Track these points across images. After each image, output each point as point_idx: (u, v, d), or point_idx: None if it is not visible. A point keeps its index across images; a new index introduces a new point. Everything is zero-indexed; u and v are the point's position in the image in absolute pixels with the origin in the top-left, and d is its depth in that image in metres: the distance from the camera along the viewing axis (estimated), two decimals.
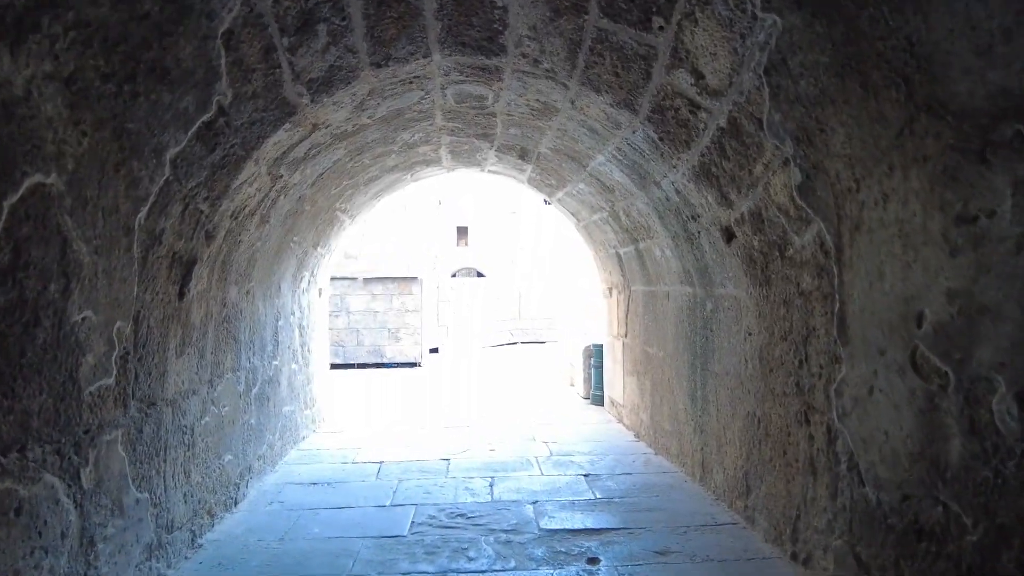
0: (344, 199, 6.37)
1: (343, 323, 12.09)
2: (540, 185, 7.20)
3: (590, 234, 7.49)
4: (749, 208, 3.76)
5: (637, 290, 6.53)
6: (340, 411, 8.15)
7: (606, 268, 7.59)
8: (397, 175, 6.82)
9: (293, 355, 6.25)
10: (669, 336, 5.58)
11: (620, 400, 7.25)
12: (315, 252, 6.60)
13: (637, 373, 6.58)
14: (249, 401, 4.96)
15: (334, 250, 7.61)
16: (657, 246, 5.47)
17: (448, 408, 8.28)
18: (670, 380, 5.58)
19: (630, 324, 6.80)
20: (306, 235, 5.95)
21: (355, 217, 7.50)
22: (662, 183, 4.59)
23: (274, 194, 4.59)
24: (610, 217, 6.28)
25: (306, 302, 6.73)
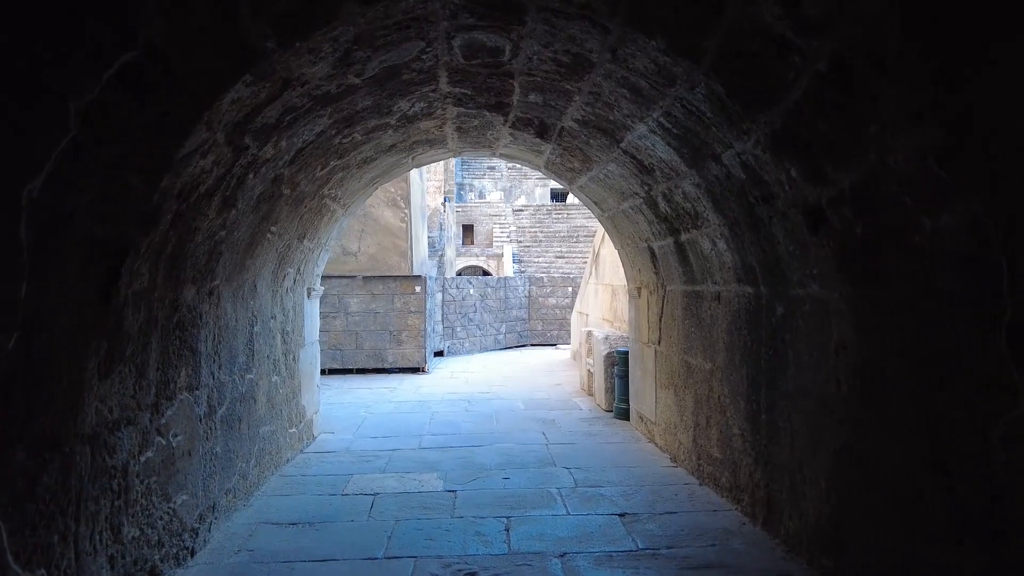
0: (334, 184, 5.48)
1: (341, 325, 11.23)
2: (560, 170, 6.29)
3: (616, 226, 6.58)
4: (853, 183, 2.84)
5: (675, 290, 5.61)
6: (334, 425, 7.26)
7: (634, 265, 6.67)
8: (396, 157, 5.92)
9: (274, 366, 5.36)
10: (720, 345, 4.66)
11: (651, 416, 6.34)
12: (300, 246, 5.71)
13: (674, 387, 5.66)
14: (213, 425, 4.06)
15: (326, 245, 6.72)
16: (707, 237, 4.55)
17: (454, 422, 7.38)
18: (721, 398, 4.67)
19: (665, 329, 5.89)
20: (287, 225, 5.06)
21: (349, 207, 6.60)
22: (723, 156, 3.67)
23: (239, 171, 3.70)
24: (644, 204, 5.37)
25: (291, 304, 5.84)
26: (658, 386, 6.12)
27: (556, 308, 16.56)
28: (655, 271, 6.03)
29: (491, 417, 7.57)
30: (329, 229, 6.41)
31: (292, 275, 5.79)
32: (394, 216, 11.45)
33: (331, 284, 11.20)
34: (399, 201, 11.46)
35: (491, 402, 8.53)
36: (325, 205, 5.73)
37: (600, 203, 6.47)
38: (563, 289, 16.63)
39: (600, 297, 10.41)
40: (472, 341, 14.74)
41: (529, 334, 16.46)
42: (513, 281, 16.29)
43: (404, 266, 11.44)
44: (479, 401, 8.62)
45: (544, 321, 16.53)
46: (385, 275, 11.35)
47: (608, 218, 6.66)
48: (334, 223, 6.45)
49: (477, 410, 8.02)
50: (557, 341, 16.34)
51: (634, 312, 6.93)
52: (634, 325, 6.94)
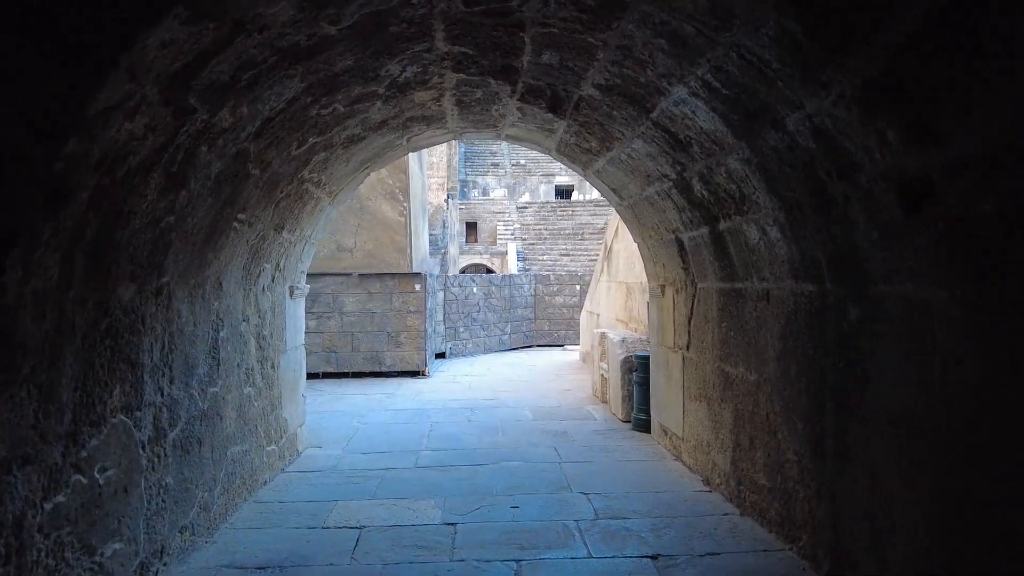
0: (315, 167, 4.76)
1: (336, 326, 10.53)
2: (574, 152, 5.56)
3: (637, 216, 5.85)
4: (978, 145, 2.11)
5: (709, 288, 4.88)
6: (323, 438, 6.56)
7: (657, 260, 5.94)
8: (388, 137, 5.21)
9: (247, 376, 4.66)
10: (769, 353, 3.93)
11: (677, 430, 5.61)
12: (278, 238, 5.00)
13: (707, 399, 4.94)
14: (162, 452, 3.36)
15: (311, 238, 6.01)
16: (754, 225, 3.82)
17: (455, 434, 6.67)
18: (770, 416, 3.94)
19: (695, 333, 5.16)
20: (259, 213, 4.35)
21: (336, 196, 5.89)
22: (788, 120, 2.94)
23: (187, 141, 2.99)
24: (674, 188, 4.64)
25: (268, 304, 5.13)
26: (686, 397, 5.40)
27: (563, 307, 15.83)
28: (683, 266, 5.30)
29: (496, 429, 6.85)
30: (314, 220, 5.70)
31: (269, 271, 5.08)
32: (392, 210, 10.74)
33: (325, 282, 10.51)
34: (397, 194, 10.74)
35: (496, 411, 7.81)
36: (307, 191, 5.02)
37: (619, 190, 5.74)
38: (571, 287, 15.90)
39: (613, 296, 9.68)
40: (476, 342, 14.03)
41: (535, 334, 15.73)
42: (518, 279, 15.57)
43: (403, 263, 10.73)
44: (483, 409, 7.90)
45: (551, 321, 15.81)
46: (383, 273, 10.64)
47: (628, 207, 5.93)
48: (319, 213, 5.74)
49: (481, 420, 7.30)
50: (564, 342, 15.61)
51: (656, 313, 6.20)
52: (656, 327, 6.21)
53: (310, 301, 10.40)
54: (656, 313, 6.20)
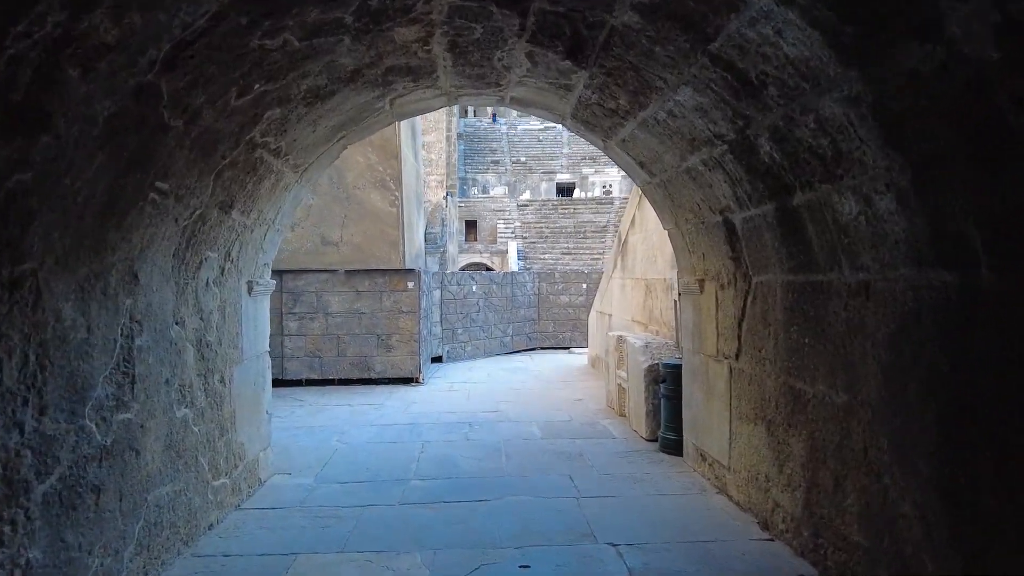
0: (270, 128, 3.74)
1: (320, 328, 9.51)
2: (595, 115, 4.54)
3: (671, 195, 4.82)
4: None
5: (771, 282, 3.86)
6: (295, 461, 5.54)
7: (695, 248, 4.92)
8: (364, 95, 4.19)
9: (182, 394, 3.63)
10: (869, 368, 2.91)
11: (721, 457, 4.60)
12: (226, 220, 3.98)
13: (766, 422, 3.92)
14: (20, 516, 2.34)
15: (277, 223, 4.99)
16: (851, 193, 2.80)
17: (451, 456, 5.65)
18: (869, 451, 2.92)
19: (750, 339, 4.14)
20: (192, 182, 3.33)
21: (305, 171, 4.87)
22: (949, 20, 1.92)
23: (35, 52, 1.97)
24: (730, 153, 3.62)
25: (214, 303, 4.10)
26: (735, 417, 4.38)
27: (569, 307, 14.81)
28: (732, 256, 4.28)
29: (499, 450, 5.83)
30: (276, 200, 4.68)
31: (215, 262, 4.06)
32: (382, 200, 9.72)
33: (307, 280, 9.49)
34: (388, 182, 9.72)
35: (498, 426, 6.79)
36: (262, 161, 4.00)
37: (650, 163, 4.72)
38: (576, 286, 14.88)
39: (629, 294, 8.66)
40: (475, 345, 13.01)
41: (539, 336, 14.71)
42: (521, 277, 14.55)
43: (395, 258, 9.71)
44: (483, 424, 6.88)
45: (555, 322, 14.79)
46: (372, 269, 9.62)
47: (659, 185, 4.91)
48: (284, 192, 4.71)
49: (481, 438, 6.27)
50: (570, 344, 14.59)
51: (691, 314, 5.17)
52: (691, 331, 5.18)
53: (291, 301, 9.39)
54: (691, 314, 5.18)
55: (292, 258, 9.53)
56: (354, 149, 9.68)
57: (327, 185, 9.61)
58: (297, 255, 9.54)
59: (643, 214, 7.98)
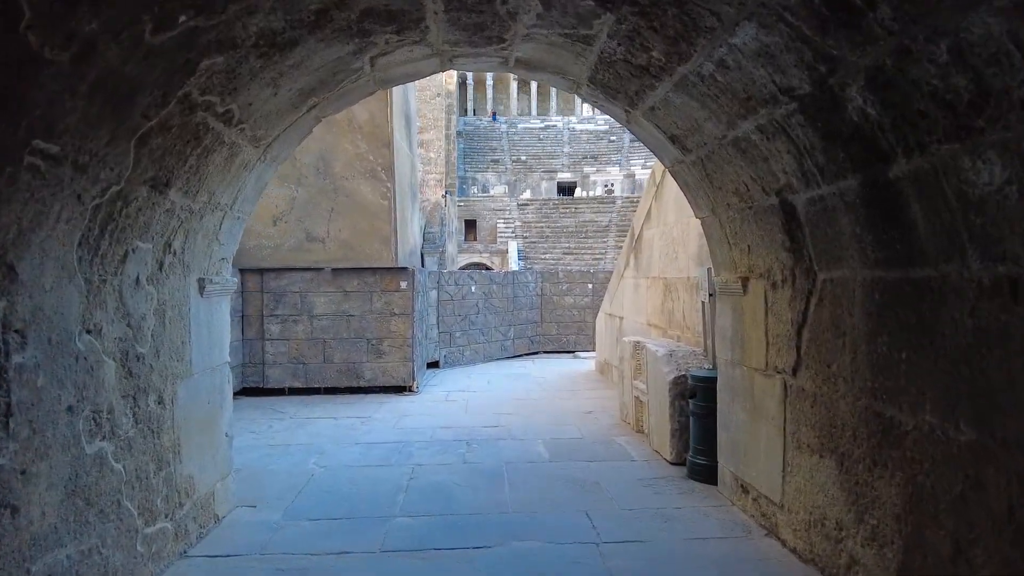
0: (213, 82, 2.94)
1: (304, 332, 8.70)
2: (618, 77, 3.73)
3: (710, 174, 4.02)
4: None
5: (847, 279, 3.05)
6: (264, 489, 4.74)
7: (738, 239, 4.11)
8: (335, 48, 3.38)
9: (94, 423, 2.83)
10: (1018, 397, 2.11)
11: (771, 492, 3.79)
12: (162, 202, 3.17)
13: (838, 454, 3.11)
14: None
15: (235, 210, 4.18)
16: (995, 155, 2.00)
17: (444, 485, 4.84)
18: (1016, 511, 2.11)
19: (814, 349, 3.33)
20: (94, 145, 2.51)
21: (269, 146, 4.06)
22: None
23: None
24: (800, 112, 2.82)
25: (149, 305, 3.29)
26: (791, 445, 3.57)
27: (573, 308, 14.00)
28: (791, 247, 3.47)
29: (501, 476, 5.02)
30: (233, 180, 3.87)
31: (149, 254, 3.25)
32: (373, 191, 8.91)
33: (290, 279, 8.69)
34: (379, 172, 8.92)
35: (500, 445, 5.98)
36: (207, 128, 3.20)
37: (684, 136, 3.91)
38: (582, 286, 14.07)
39: (644, 295, 7.86)
40: (474, 349, 12.20)
41: (542, 339, 13.90)
42: (523, 276, 13.73)
43: (386, 255, 8.90)
44: (482, 443, 6.07)
45: (559, 324, 13.98)
46: (362, 267, 8.81)
47: (694, 164, 4.11)
48: (242, 171, 3.91)
49: (480, 461, 5.47)
50: (575, 347, 13.79)
51: (731, 317, 4.37)
52: (730, 338, 4.38)
53: (273, 302, 8.59)
54: (730, 319, 4.37)
55: (274, 255, 8.73)
56: (342, 135, 8.90)
57: (312, 175, 8.81)
58: (279, 252, 8.74)
59: (661, 206, 7.18)
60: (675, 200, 6.65)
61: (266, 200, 8.74)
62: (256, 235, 8.73)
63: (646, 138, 4.44)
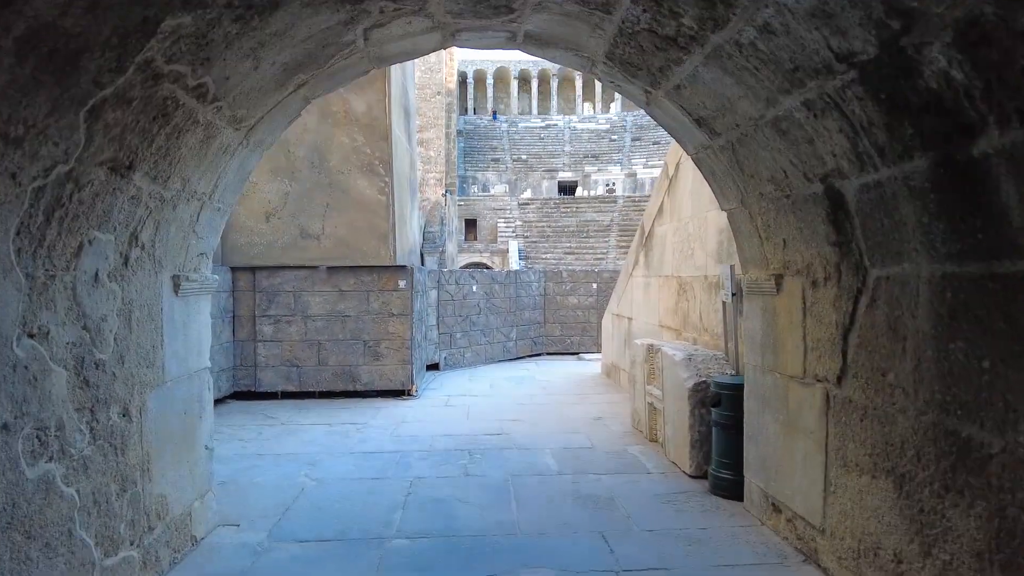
0: (180, 47, 2.54)
1: (298, 333, 8.31)
2: (641, 52, 3.34)
3: (741, 160, 3.62)
4: None
5: (906, 275, 2.66)
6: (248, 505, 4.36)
7: (772, 233, 3.72)
8: (324, 15, 3.00)
9: (38, 442, 2.44)
10: None
11: (811, 515, 3.40)
12: (125, 187, 2.77)
13: (897, 476, 2.72)
14: None
15: (214, 200, 3.79)
16: None
17: (446, 501, 4.45)
18: None
19: (864, 356, 2.94)
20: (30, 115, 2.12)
21: (251, 129, 3.67)
22: None
23: None
24: (859, 83, 2.43)
25: (111, 306, 2.91)
26: (836, 463, 3.18)
27: (578, 309, 13.61)
28: (837, 239, 3.08)
29: (506, 491, 4.63)
30: (212, 166, 3.48)
31: (111, 247, 2.86)
32: (370, 187, 8.52)
33: (284, 277, 8.30)
34: (377, 166, 8.53)
35: (505, 455, 5.59)
36: (176, 104, 2.81)
37: (713, 117, 3.52)
38: (586, 286, 13.68)
39: (655, 295, 7.46)
40: (475, 350, 11.81)
41: (545, 340, 13.51)
42: (525, 276, 13.33)
43: (384, 253, 8.51)
44: (486, 453, 5.68)
45: (563, 325, 13.58)
46: (358, 265, 8.42)
47: (722, 149, 3.72)
48: (221, 155, 3.52)
49: (483, 473, 5.07)
50: (579, 349, 13.41)
51: (761, 319, 3.98)
52: (760, 342, 3.99)
53: (265, 302, 8.20)
54: (760, 320, 3.98)
55: (266, 253, 8.34)
56: (337, 127, 8.51)
57: (307, 169, 8.42)
58: (272, 249, 8.35)
59: (675, 200, 6.79)
60: (691, 194, 6.26)
61: (258, 195, 8.36)
62: (248, 232, 8.34)
63: (667, 122, 4.05)
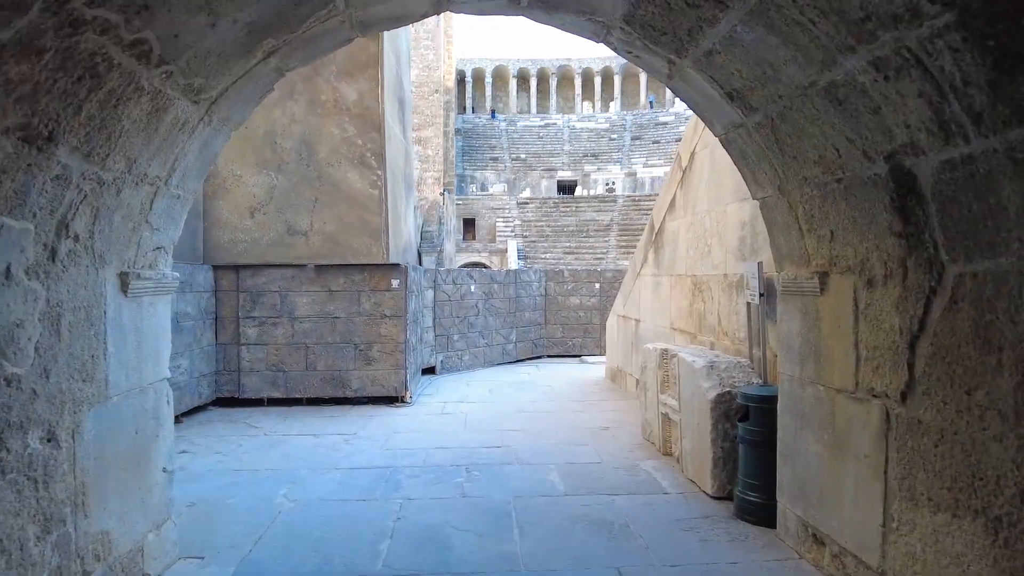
0: None
1: (284, 335, 7.80)
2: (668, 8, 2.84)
3: (779, 139, 3.12)
4: None
5: (1001, 271, 2.16)
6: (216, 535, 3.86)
7: (814, 222, 3.22)
8: None
9: None
10: None
11: (864, 552, 2.91)
12: (46, 162, 2.27)
13: (991, 519, 2.23)
14: None
15: (171, 185, 3.28)
16: None
17: (438, 528, 3.95)
18: None
19: (940, 368, 2.45)
20: None
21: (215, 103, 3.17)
22: None
23: None
24: (955, 30, 1.93)
25: (31, 308, 2.40)
26: (900, 495, 2.68)
27: (580, 309, 13.11)
28: (903, 230, 2.59)
29: (508, 515, 4.13)
30: (166, 144, 2.98)
31: (31, 237, 2.35)
32: (362, 180, 8.02)
33: (269, 276, 7.80)
34: (369, 158, 8.03)
35: (505, 471, 5.09)
36: (110, 61, 2.30)
37: (750, 89, 3.03)
38: (588, 286, 13.19)
39: (667, 295, 6.97)
40: (473, 353, 11.31)
41: (546, 342, 13.01)
42: (526, 275, 12.83)
43: (376, 251, 8.01)
44: (484, 469, 5.18)
45: (565, 326, 13.08)
46: (348, 264, 7.92)
47: (758, 126, 3.22)
48: (178, 132, 3.01)
49: (481, 494, 4.57)
50: (581, 351, 12.91)
51: (799, 323, 3.48)
52: (798, 349, 3.49)
53: (249, 302, 7.70)
54: (799, 324, 3.48)
55: (251, 250, 7.84)
56: (327, 117, 8.01)
57: (294, 161, 7.92)
58: (257, 247, 7.85)
59: (689, 193, 6.30)
60: (708, 185, 5.76)
61: (242, 189, 7.86)
62: (231, 228, 7.84)
63: (692, 98, 3.56)
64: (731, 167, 5.17)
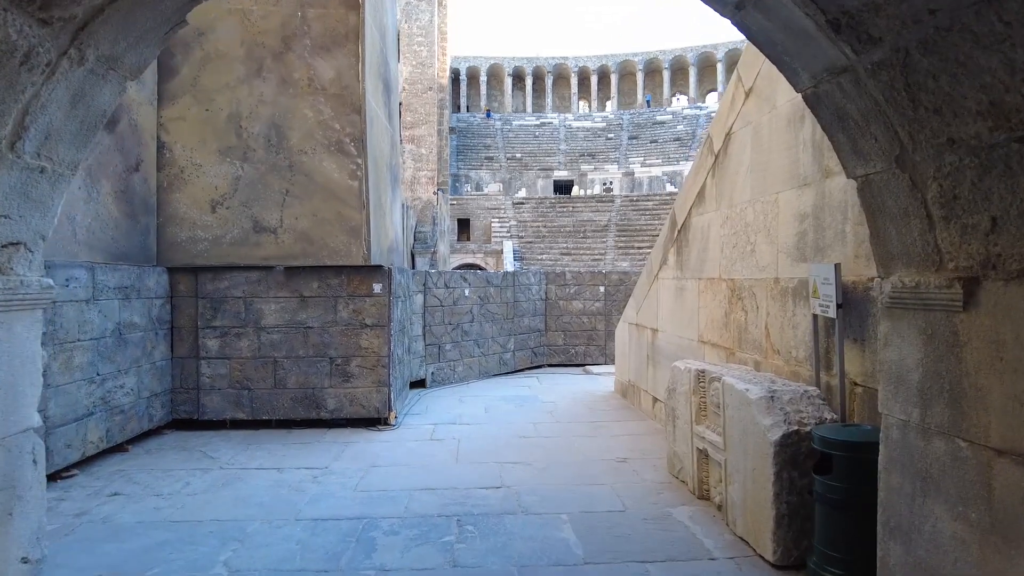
0: None
1: (249, 348, 6.78)
2: None
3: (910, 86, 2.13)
4: None
5: None
6: None
7: (956, 207, 2.23)
8: None
9: None
10: None
11: None
12: None
13: None
14: None
15: (23, 151, 2.28)
16: None
17: None
18: None
19: None
20: None
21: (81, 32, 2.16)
22: None
23: None
24: None
25: None
26: None
27: (583, 315, 12.12)
28: None
29: None
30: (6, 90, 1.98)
31: None
32: (339, 169, 7.02)
33: (232, 280, 6.79)
34: (348, 144, 7.03)
35: (506, 524, 4.09)
36: None
37: (871, 10, 2.05)
38: (592, 289, 12.20)
39: (694, 302, 5.99)
40: (467, 363, 10.30)
41: (546, 351, 12.02)
42: (524, 278, 11.84)
43: (356, 251, 7.01)
44: (480, 521, 4.18)
45: (566, 333, 12.10)
46: (323, 265, 6.92)
47: (880, 66, 2.24)
48: (24, 71, 2.01)
49: (478, 563, 3.57)
50: (585, 360, 11.94)
51: (919, 348, 2.50)
52: (916, 383, 2.51)
53: (210, 310, 6.70)
54: (917, 350, 2.50)
55: (212, 250, 6.83)
56: (299, 98, 7.01)
57: (262, 148, 6.92)
58: (219, 246, 6.84)
59: (724, 181, 5.32)
60: (750, 171, 4.79)
61: (202, 179, 6.85)
62: (189, 224, 6.83)
63: (770, 34, 2.58)
64: (785, 145, 4.19)
